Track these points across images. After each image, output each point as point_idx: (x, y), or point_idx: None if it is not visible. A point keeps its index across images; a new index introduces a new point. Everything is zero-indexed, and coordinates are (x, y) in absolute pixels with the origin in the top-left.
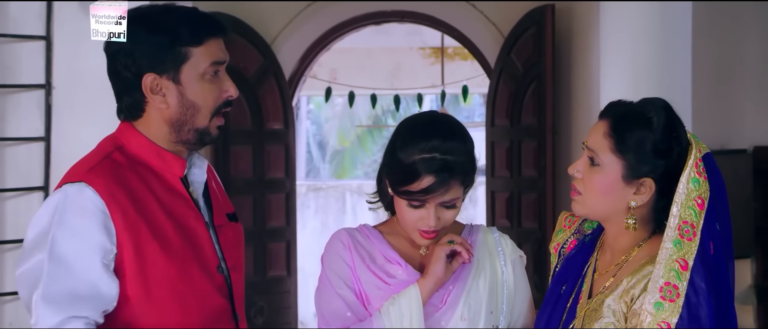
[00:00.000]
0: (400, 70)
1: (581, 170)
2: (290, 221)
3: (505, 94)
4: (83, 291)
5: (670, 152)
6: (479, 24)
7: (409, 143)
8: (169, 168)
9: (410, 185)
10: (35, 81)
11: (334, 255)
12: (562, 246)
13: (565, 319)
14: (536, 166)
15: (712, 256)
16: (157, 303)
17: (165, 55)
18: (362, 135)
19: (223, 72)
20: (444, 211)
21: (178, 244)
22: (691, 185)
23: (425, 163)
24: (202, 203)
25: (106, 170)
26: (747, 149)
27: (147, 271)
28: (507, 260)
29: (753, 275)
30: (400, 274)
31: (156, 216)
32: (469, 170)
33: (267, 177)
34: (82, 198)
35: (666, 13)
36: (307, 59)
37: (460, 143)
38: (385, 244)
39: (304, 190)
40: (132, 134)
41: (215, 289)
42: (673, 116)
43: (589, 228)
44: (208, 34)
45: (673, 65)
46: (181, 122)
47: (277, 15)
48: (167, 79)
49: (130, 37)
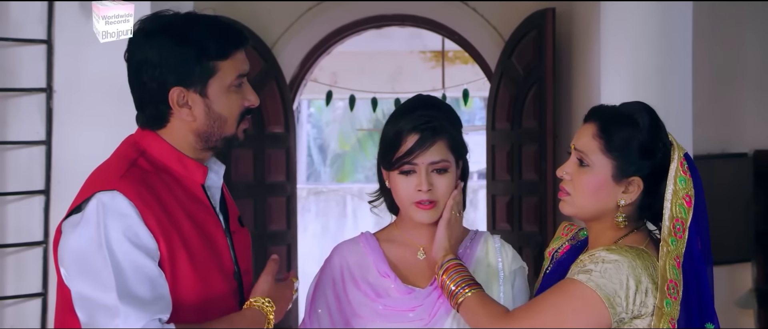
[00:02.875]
0: (401, 74)
1: (570, 172)
2: (291, 225)
3: (505, 97)
4: (148, 292)
5: (655, 152)
6: (480, 27)
7: (395, 117)
8: (191, 175)
9: (397, 150)
10: (36, 85)
11: (325, 277)
12: (556, 251)
13: None
14: (537, 170)
15: (698, 252)
16: (182, 309)
17: (192, 69)
18: (363, 139)
19: (246, 82)
20: (436, 177)
21: (202, 251)
22: (679, 184)
23: (408, 123)
24: (218, 208)
25: (136, 177)
26: (747, 153)
27: (176, 277)
28: (505, 271)
29: (754, 278)
30: (392, 289)
31: (183, 224)
32: (454, 134)
33: (268, 181)
34: (118, 206)
35: (666, 16)
36: (308, 63)
37: (443, 112)
38: (379, 255)
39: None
40: (154, 139)
41: (231, 294)
42: (656, 118)
43: (584, 235)
44: (234, 46)
45: (673, 68)
46: (209, 133)
47: (277, 19)
48: (194, 92)
49: (157, 49)
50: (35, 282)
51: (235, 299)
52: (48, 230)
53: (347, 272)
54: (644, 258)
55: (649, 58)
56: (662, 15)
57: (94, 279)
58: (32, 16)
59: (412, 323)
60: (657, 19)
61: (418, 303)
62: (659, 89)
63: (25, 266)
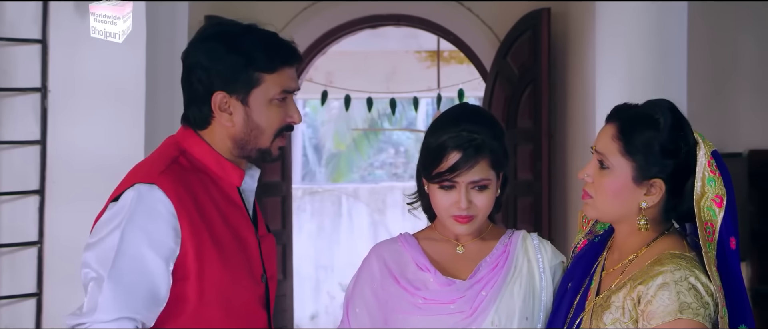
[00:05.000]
0: (396, 74)
1: (591, 174)
2: (286, 225)
3: (501, 97)
4: (143, 291)
5: (678, 152)
6: (475, 27)
7: (439, 128)
8: (228, 177)
9: (439, 165)
10: (31, 84)
11: (364, 276)
12: (575, 246)
13: (573, 314)
14: (532, 169)
15: (731, 252)
16: (207, 307)
17: (238, 76)
18: (358, 139)
19: (291, 98)
20: (476, 193)
21: (233, 252)
22: (708, 186)
23: (452, 140)
24: (251, 212)
25: (175, 174)
26: (742, 153)
27: (204, 275)
28: (546, 266)
29: (749, 278)
30: (431, 282)
31: (216, 223)
32: (497, 150)
33: (263, 181)
34: (153, 199)
35: (662, 16)
36: (303, 63)
37: (487, 127)
38: (418, 250)
39: (300, 193)
40: (195, 141)
41: (257, 298)
42: (679, 116)
43: (601, 229)
44: (283, 62)
45: (668, 68)
46: (245, 141)
47: (272, 18)
48: (236, 99)
49: (208, 54)
50: (30, 282)
51: (260, 302)
52: (42, 231)
53: (386, 269)
54: (696, 265)
55: (644, 58)
56: (657, 15)
57: (99, 254)
58: (27, 15)
59: (454, 316)
60: (652, 19)
61: (460, 295)
62: (654, 89)
63: (20, 266)
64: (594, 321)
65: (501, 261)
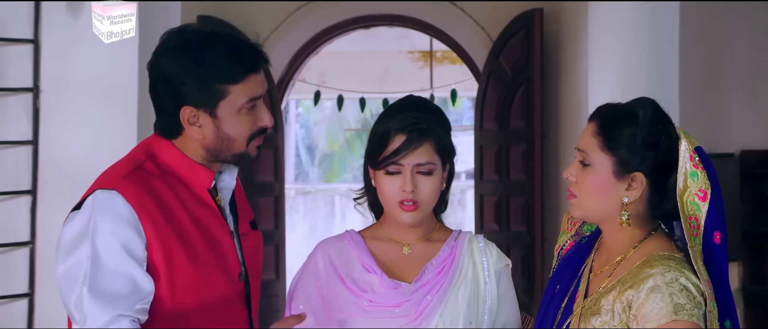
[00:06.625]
0: (389, 74)
1: (575, 173)
2: (279, 225)
3: (493, 97)
4: (125, 288)
5: (658, 144)
6: (468, 28)
7: (384, 115)
8: (198, 179)
9: (384, 150)
10: (23, 84)
11: (309, 274)
12: (561, 248)
13: (561, 317)
14: (525, 170)
15: (716, 247)
16: (180, 307)
17: (203, 90)
18: (351, 139)
19: (260, 103)
20: (421, 178)
21: (204, 253)
22: (690, 180)
23: (396, 123)
24: (228, 210)
25: (137, 179)
26: (734, 153)
27: (175, 276)
28: (491, 270)
29: (740, 278)
30: (377, 284)
31: (184, 226)
32: (442, 137)
33: (256, 181)
34: (113, 204)
35: (654, 16)
36: (296, 63)
37: (433, 114)
38: (364, 250)
39: (293, 193)
40: (165, 146)
41: (235, 296)
42: (659, 111)
43: (588, 231)
44: (248, 71)
45: (661, 68)
46: (218, 149)
47: (265, 18)
48: (204, 112)
49: (172, 66)
50: (22, 283)
51: (239, 300)
52: (34, 231)
53: (331, 268)
54: (685, 266)
55: (636, 58)
56: (650, 15)
57: (73, 266)
58: (19, 15)
59: (398, 319)
60: (644, 19)
61: (405, 299)
62: (646, 89)
63: (12, 266)
64: (582, 324)
65: (447, 264)
